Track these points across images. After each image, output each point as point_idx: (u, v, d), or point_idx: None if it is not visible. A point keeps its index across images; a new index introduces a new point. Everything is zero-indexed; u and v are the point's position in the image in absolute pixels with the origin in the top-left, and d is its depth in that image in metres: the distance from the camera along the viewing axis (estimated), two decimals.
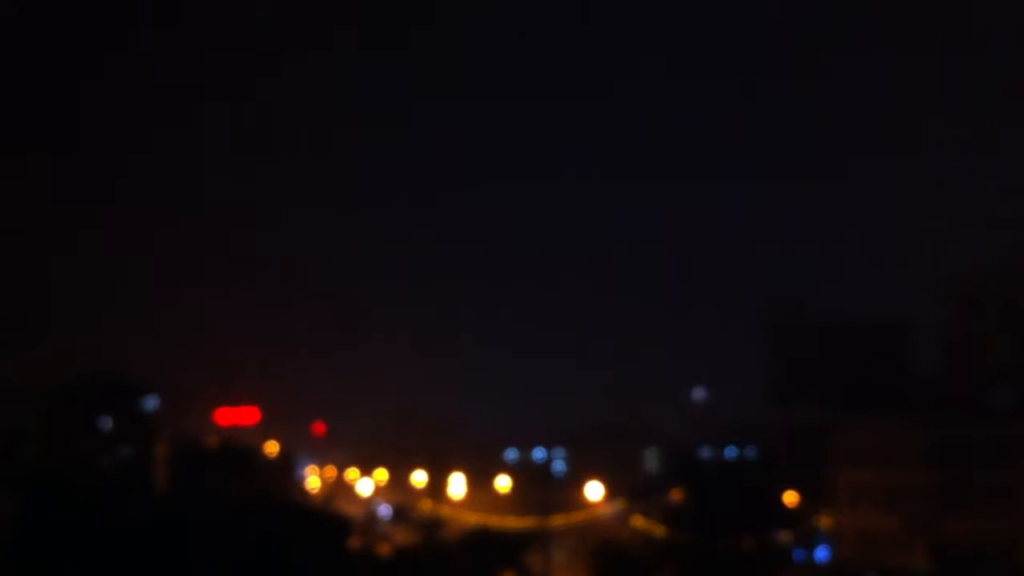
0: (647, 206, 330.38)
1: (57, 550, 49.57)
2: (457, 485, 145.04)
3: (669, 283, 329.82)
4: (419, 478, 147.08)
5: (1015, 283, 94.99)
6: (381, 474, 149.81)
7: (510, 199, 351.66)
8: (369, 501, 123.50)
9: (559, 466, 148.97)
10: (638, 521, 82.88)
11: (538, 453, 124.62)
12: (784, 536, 75.48)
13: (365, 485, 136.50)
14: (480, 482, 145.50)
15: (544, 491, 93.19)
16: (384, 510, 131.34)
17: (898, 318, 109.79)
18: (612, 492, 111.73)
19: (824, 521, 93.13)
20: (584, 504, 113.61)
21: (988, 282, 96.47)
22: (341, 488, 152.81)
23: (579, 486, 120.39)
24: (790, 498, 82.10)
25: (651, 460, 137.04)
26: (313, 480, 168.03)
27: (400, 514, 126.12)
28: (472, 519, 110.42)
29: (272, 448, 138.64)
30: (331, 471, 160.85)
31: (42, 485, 75.58)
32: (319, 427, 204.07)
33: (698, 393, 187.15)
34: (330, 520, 67.99)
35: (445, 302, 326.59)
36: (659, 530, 73.93)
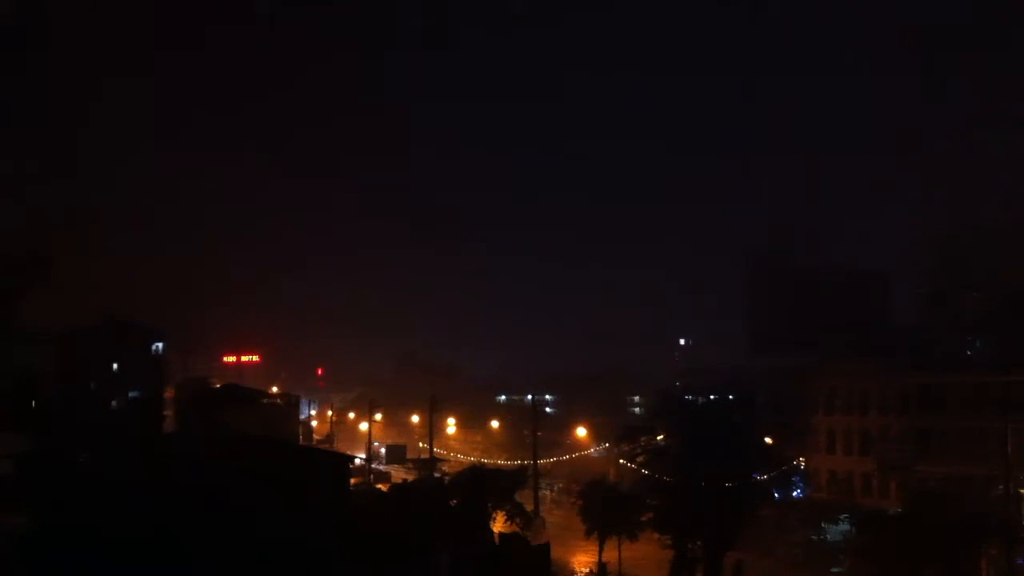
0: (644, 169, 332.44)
1: (68, 488, 51.70)
2: (452, 426, 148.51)
3: (658, 233, 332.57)
4: (416, 420, 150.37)
5: (990, 238, 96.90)
6: (380, 416, 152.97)
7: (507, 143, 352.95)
8: (368, 441, 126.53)
9: (549, 408, 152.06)
10: (624, 460, 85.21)
11: (529, 396, 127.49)
12: (763, 475, 77.64)
13: (364, 426, 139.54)
14: (474, 424, 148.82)
15: (534, 432, 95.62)
16: (383, 449, 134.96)
17: (878, 268, 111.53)
18: (599, 433, 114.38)
19: (802, 462, 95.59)
20: (573, 444, 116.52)
21: (964, 236, 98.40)
22: (342, 429, 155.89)
23: (569, 428, 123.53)
24: (769, 439, 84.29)
25: (637, 403, 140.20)
26: (316, 421, 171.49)
27: (398, 453, 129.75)
28: (466, 458, 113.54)
29: (276, 390, 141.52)
30: (333, 413, 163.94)
31: (55, 424, 78.32)
32: (320, 371, 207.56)
33: (683, 339, 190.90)
34: (331, 458, 70.01)
35: (443, 249, 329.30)
36: (644, 468, 75.93)
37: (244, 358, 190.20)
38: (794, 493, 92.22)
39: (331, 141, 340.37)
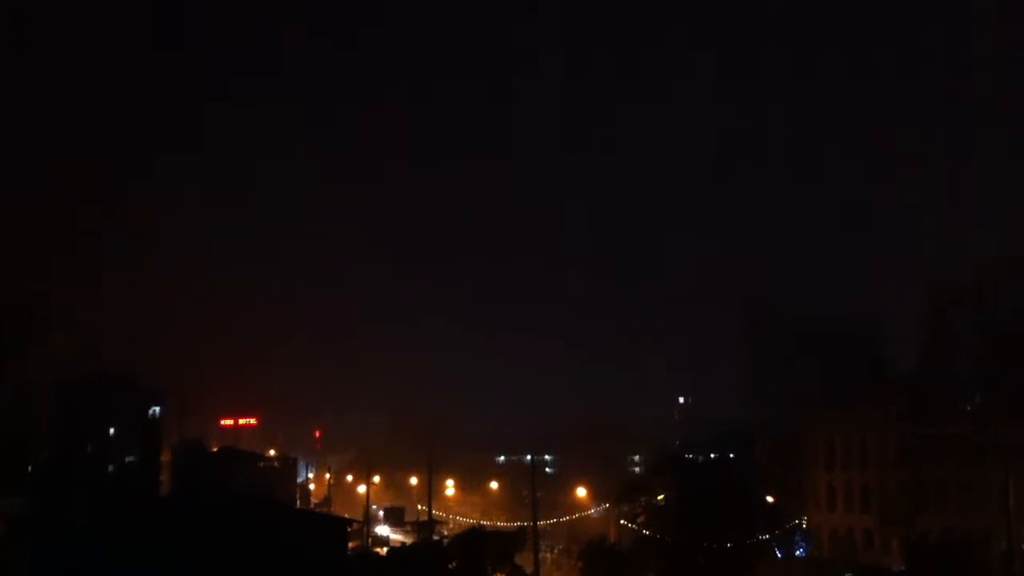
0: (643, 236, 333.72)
1: (63, 552, 51.46)
2: (451, 487, 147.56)
3: (654, 289, 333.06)
4: (413, 481, 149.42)
5: (986, 287, 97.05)
6: (378, 478, 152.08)
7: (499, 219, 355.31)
8: (366, 504, 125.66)
9: (548, 468, 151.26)
10: (624, 519, 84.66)
11: (527, 456, 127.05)
12: (764, 534, 77.19)
13: (362, 488, 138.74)
14: (472, 484, 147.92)
15: (533, 492, 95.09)
16: (381, 512, 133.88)
17: (872, 320, 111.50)
18: (598, 492, 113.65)
19: (803, 519, 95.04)
20: (572, 504, 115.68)
21: (961, 286, 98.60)
22: (339, 491, 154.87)
23: (567, 487, 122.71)
24: (770, 497, 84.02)
25: (636, 461, 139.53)
26: (314, 484, 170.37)
27: (396, 516, 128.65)
28: (465, 520, 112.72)
29: (273, 452, 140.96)
30: (330, 475, 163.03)
31: (51, 488, 78.02)
32: (318, 433, 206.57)
33: (682, 397, 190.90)
34: (329, 522, 69.68)
35: (438, 309, 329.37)
36: (644, 528, 75.50)
37: (241, 421, 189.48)
38: (797, 551, 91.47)
39: (330, 197, 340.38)
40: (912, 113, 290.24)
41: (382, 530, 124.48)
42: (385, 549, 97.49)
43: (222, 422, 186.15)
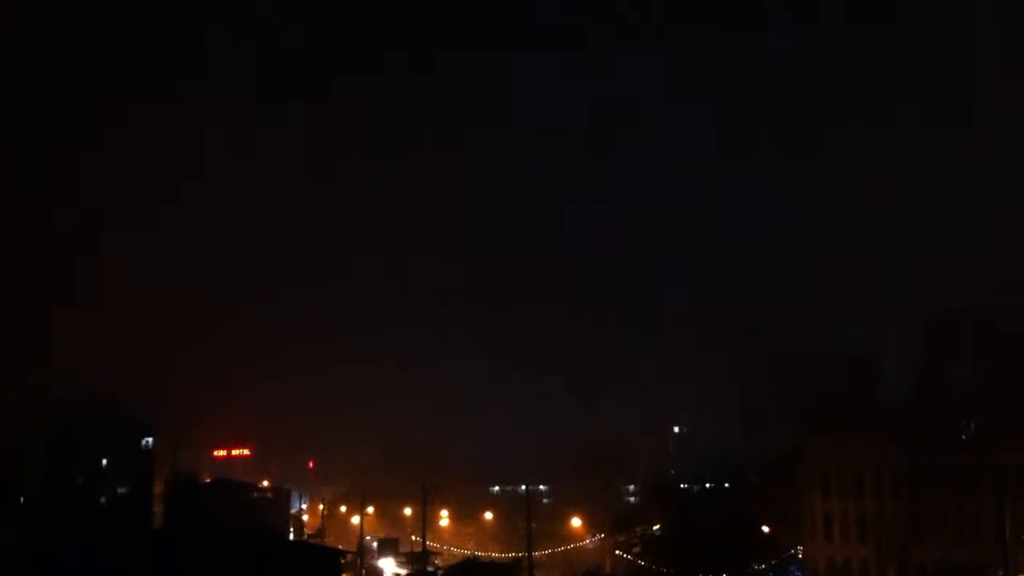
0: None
1: None
2: (445, 518, 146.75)
3: (650, 315, 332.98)
4: (408, 512, 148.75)
5: (983, 316, 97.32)
6: (371, 508, 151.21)
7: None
8: (360, 535, 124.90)
9: (544, 499, 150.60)
10: (619, 550, 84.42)
11: (522, 487, 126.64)
12: (760, 564, 76.99)
13: (356, 519, 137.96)
14: (466, 514, 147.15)
15: (528, 523, 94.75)
16: (375, 543, 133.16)
17: (867, 348, 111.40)
18: (593, 522, 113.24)
19: (799, 549, 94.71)
20: (567, 534, 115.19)
21: (957, 314, 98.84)
22: (333, 522, 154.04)
23: (562, 517, 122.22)
24: (765, 527, 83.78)
25: (632, 491, 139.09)
26: (307, 515, 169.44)
27: (390, 547, 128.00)
28: (460, 551, 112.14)
29: (266, 483, 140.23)
30: (324, 506, 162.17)
31: (41, 519, 77.46)
32: (312, 464, 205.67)
33: (677, 427, 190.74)
34: (323, 553, 69.44)
35: (429, 337, 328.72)
36: (640, 559, 75.37)
37: (235, 451, 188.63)
38: None
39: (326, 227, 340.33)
40: (912, 135, 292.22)
41: (376, 562, 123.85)
42: None
43: (215, 453, 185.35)
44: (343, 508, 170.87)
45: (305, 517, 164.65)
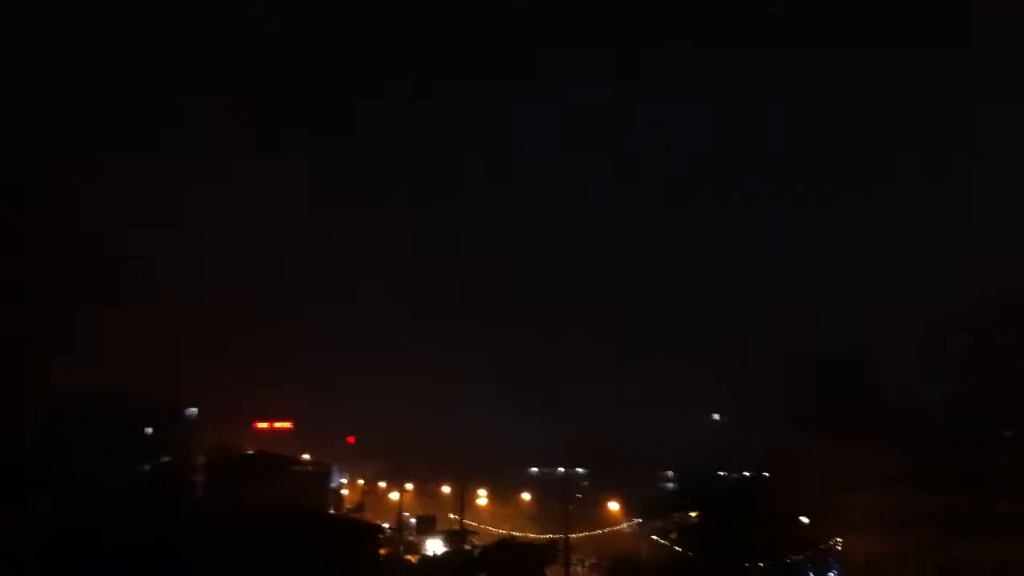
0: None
1: (94, 555, 51.84)
2: (482, 498, 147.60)
3: (690, 305, 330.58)
4: (446, 490, 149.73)
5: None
6: (411, 486, 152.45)
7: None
8: (398, 512, 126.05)
9: (580, 482, 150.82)
10: (656, 536, 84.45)
11: (559, 469, 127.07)
12: (798, 555, 76.92)
13: (394, 496, 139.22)
14: (504, 496, 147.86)
15: (565, 505, 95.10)
16: (413, 520, 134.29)
17: (904, 346, 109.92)
18: (630, 507, 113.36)
19: (838, 542, 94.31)
20: (603, 519, 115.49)
21: (998, 310, 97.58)
22: (372, 499, 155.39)
23: (599, 501, 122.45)
24: (804, 518, 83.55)
25: (668, 476, 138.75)
26: (346, 491, 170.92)
27: (428, 524, 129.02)
28: (496, 531, 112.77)
29: (307, 457, 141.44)
30: (363, 482, 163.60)
31: (79, 491, 78.56)
32: (350, 440, 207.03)
33: (716, 415, 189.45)
34: (362, 528, 70.21)
35: (474, 322, 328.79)
36: (676, 545, 75.46)
37: (277, 424, 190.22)
38: (830, 574, 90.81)
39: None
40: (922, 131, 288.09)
41: (421, 539, 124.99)
42: (416, 557, 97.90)
43: (257, 425, 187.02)
44: (382, 484, 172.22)
45: (345, 492, 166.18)
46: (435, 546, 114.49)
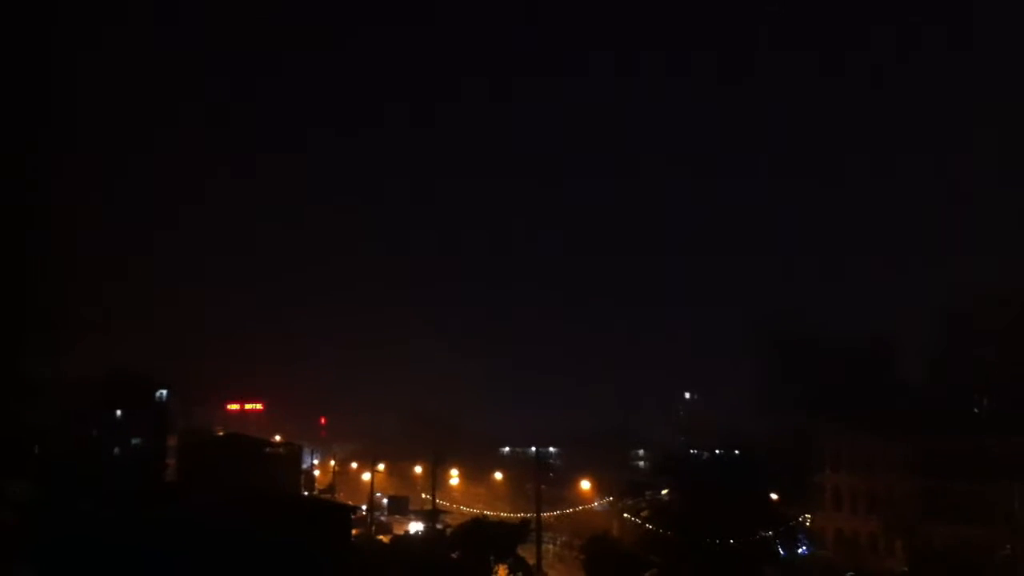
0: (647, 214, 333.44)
1: (72, 535, 51.46)
2: (455, 478, 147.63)
3: (665, 290, 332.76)
4: (418, 470, 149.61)
5: (1001, 304, 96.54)
6: (382, 466, 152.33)
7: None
8: (371, 492, 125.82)
9: (552, 462, 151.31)
10: (627, 514, 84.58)
11: (532, 448, 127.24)
12: (767, 532, 77.12)
13: (367, 476, 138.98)
14: (476, 476, 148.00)
15: (537, 484, 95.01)
16: (385, 500, 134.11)
17: (883, 332, 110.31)
18: (602, 486, 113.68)
19: (807, 519, 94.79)
20: (576, 498, 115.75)
21: (975, 303, 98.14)
22: (344, 479, 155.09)
23: (571, 481, 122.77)
24: (774, 495, 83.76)
25: (641, 457, 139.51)
26: (318, 471, 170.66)
27: (400, 505, 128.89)
28: (469, 510, 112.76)
29: (279, 439, 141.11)
30: (335, 463, 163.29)
31: (56, 473, 77.94)
32: (323, 421, 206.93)
33: (688, 393, 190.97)
34: (333, 509, 69.85)
35: (446, 314, 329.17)
36: (648, 523, 75.42)
37: (248, 406, 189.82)
38: (799, 551, 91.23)
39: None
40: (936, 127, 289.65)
41: (385, 518, 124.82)
42: (389, 537, 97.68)
43: (229, 407, 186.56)
44: (354, 465, 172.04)
45: (316, 473, 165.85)
46: (407, 526, 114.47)
